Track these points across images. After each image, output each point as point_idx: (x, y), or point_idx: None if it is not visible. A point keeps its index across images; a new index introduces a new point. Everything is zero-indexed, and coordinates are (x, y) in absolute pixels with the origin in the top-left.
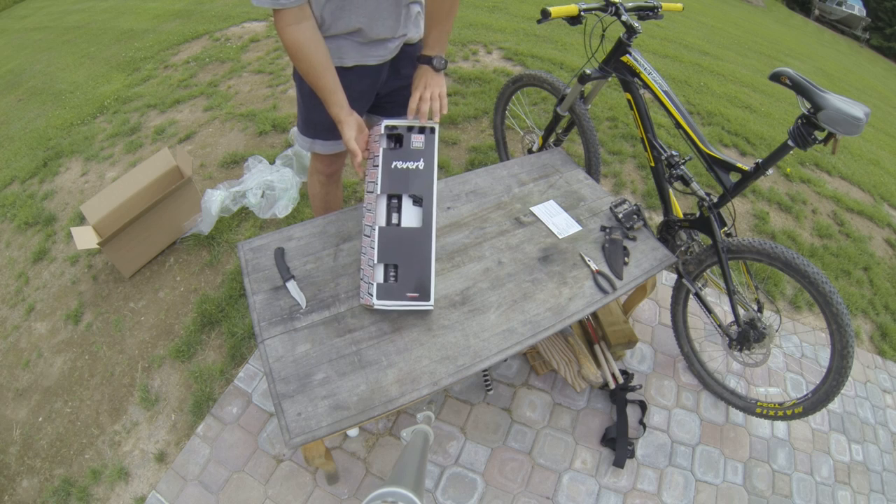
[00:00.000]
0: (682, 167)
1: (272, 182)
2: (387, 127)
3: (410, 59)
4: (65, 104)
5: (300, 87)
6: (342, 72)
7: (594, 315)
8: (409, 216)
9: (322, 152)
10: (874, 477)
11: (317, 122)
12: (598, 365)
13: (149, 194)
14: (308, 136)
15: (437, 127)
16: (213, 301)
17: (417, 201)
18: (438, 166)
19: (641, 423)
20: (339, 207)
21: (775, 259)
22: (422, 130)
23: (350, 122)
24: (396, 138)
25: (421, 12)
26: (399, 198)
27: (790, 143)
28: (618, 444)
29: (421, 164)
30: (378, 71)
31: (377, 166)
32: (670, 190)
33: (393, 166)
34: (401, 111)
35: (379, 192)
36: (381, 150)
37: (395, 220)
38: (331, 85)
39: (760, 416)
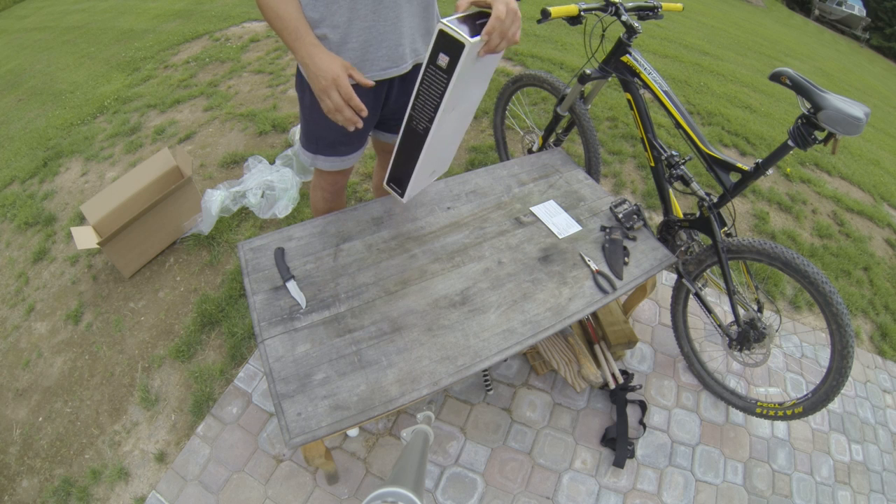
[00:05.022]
0: (682, 167)
1: (272, 182)
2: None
3: (414, 77)
4: (65, 104)
5: (301, 99)
6: None
7: (594, 315)
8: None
9: (325, 169)
10: (874, 477)
11: (318, 136)
12: (598, 365)
13: (149, 194)
14: (310, 152)
15: (467, 45)
16: (213, 301)
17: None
18: None
19: (641, 423)
20: None
21: (775, 259)
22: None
23: (322, 57)
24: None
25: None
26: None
27: (790, 143)
28: (618, 444)
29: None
30: (383, 85)
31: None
32: (670, 190)
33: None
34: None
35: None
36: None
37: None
38: (293, 16)
39: (760, 416)
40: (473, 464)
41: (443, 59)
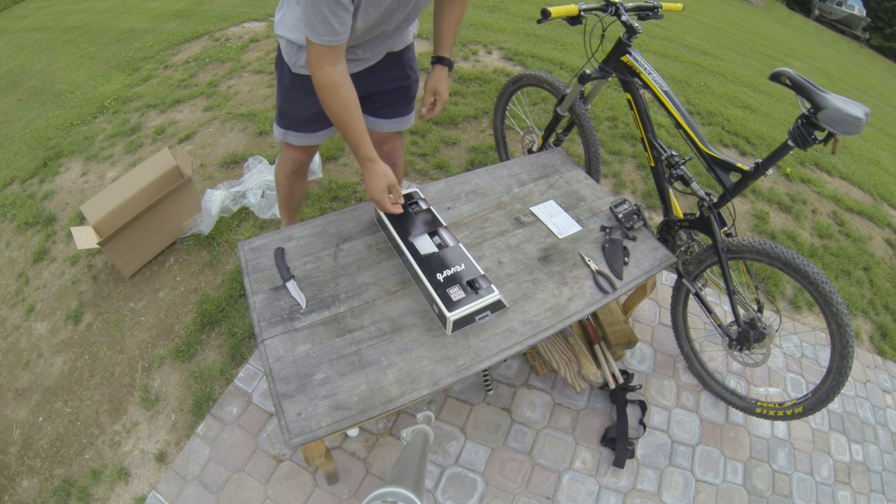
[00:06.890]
0: (682, 167)
1: (272, 182)
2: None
3: (397, 62)
4: (65, 104)
5: (280, 79)
6: None
7: (594, 315)
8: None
9: (294, 143)
10: (874, 477)
11: (291, 114)
12: (598, 365)
13: (149, 194)
14: (282, 127)
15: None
16: (213, 301)
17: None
18: (438, 167)
19: (641, 423)
20: (302, 200)
21: (775, 259)
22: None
23: (377, 169)
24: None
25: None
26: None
27: (790, 143)
28: (618, 444)
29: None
30: (358, 77)
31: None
32: (670, 190)
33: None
34: (384, 110)
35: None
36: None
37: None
38: (361, 128)
39: (760, 416)
40: (473, 464)
41: None
